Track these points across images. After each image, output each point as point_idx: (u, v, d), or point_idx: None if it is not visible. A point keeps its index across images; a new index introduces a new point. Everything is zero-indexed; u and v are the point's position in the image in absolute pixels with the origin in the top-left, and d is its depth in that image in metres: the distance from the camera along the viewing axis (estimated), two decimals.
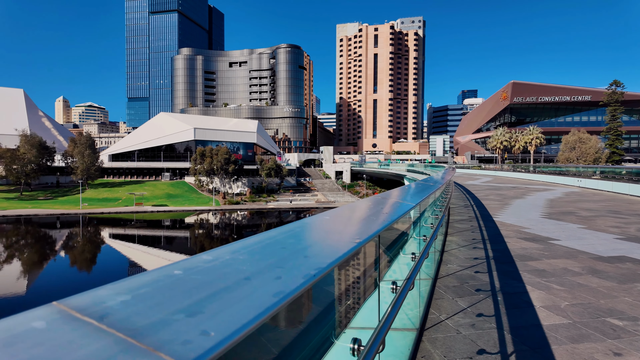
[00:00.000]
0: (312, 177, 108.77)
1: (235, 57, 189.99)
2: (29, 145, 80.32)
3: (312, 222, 2.10)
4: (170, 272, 1.01)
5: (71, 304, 0.77)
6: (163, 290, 0.88)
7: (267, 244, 1.46)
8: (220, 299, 0.87)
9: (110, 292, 0.85)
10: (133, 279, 0.93)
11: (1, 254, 44.25)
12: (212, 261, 1.14)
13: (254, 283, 1.00)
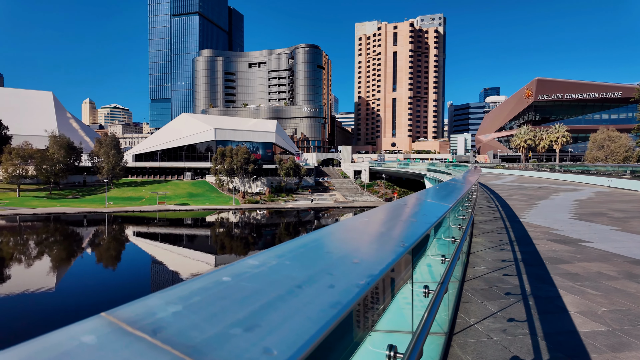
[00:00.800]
0: (330, 176, 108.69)
1: (255, 58, 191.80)
2: (58, 146, 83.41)
3: (351, 224, 2.03)
4: (218, 278, 0.98)
5: (121, 315, 0.74)
6: (215, 300, 0.85)
7: (312, 247, 1.42)
8: (275, 309, 0.83)
9: (160, 301, 0.82)
10: (182, 287, 0.91)
11: (32, 251, 46.09)
12: (260, 266, 1.11)
13: (307, 292, 0.96)
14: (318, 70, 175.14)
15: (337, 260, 1.28)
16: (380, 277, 1.18)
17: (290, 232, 60.26)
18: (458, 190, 5.01)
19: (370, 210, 2.49)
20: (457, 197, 4.06)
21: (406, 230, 2.08)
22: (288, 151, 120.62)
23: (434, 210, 3.00)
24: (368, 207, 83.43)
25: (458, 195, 4.22)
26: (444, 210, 3.03)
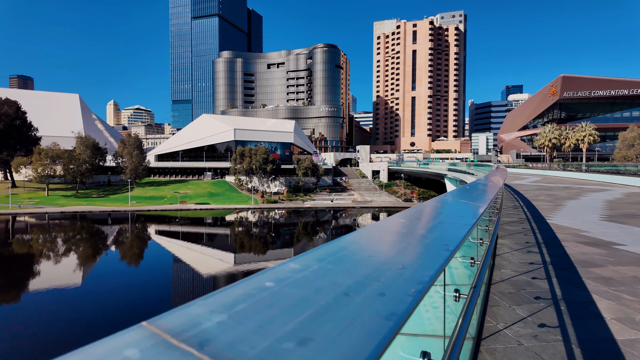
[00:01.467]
0: (348, 176, 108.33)
1: (273, 59, 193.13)
2: (84, 147, 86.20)
3: (388, 225, 1.96)
4: (261, 284, 0.94)
5: (164, 326, 0.70)
6: (261, 308, 0.82)
7: (352, 251, 1.37)
8: (327, 320, 0.79)
9: (202, 309, 0.78)
10: (224, 293, 0.87)
11: (60, 248, 47.77)
12: (302, 271, 1.07)
13: (356, 300, 0.91)
14: (336, 70, 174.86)
15: (381, 265, 1.23)
16: (430, 284, 1.11)
17: (308, 232, 60.39)
18: (489, 191, 4.85)
19: (405, 211, 2.41)
20: (489, 197, 3.92)
21: (446, 232, 1.99)
22: (306, 151, 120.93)
23: (469, 211, 2.89)
24: (387, 207, 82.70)
25: (490, 196, 4.08)
26: (479, 211, 2.91)
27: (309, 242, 52.38)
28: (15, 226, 61.36)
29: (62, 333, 22.67)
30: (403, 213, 2.32)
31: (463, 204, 3.43)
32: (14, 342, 21.34)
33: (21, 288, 33.06)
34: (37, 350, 20.35)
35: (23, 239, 53.08)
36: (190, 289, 33.16)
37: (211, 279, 36.43)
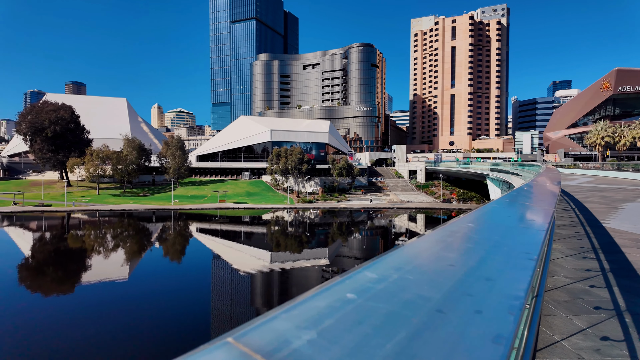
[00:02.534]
0: (384, 176, 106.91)
1: (309, 60, 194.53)
2: (131, 148, 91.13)
3: (458, 230, 1.82)
4: (342, 295, 0.88)
5: (252, 343, 0.67)
6: (350, 325, 0.76)
7: (429, 259, 1.32)
8: (426, 342, 0.72)
9: (288, 324, 0.74)
10: (305, 305, 0.82)
11: (109, 243, 50.74)
12: (381, 281, 0.99)
13: (452, 319, 0.84)
14: (372, 69, 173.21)
15: (465, 277, 1.14)
16: (525, 299, 1.01)
17: (343, 232, 60.20)
18: (550, 192, 4.53)
19: (470, 215, 2.26)
20: (553, 199, 3.64)
21: (520, 238, 1.81)
22: (341, 151, 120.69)
23: (538, 214, 2.68)
24: (424, 208, 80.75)
25: (554, 198, 3.79)
26: (549, 214, 2.69)
27: (344, 242, 52.20)
28: (70, 222, 65.95)
29: (110, 324, 24.02)
30: (469, 217, 2.16)
31: (528, 206, 3.20)
32: (69, 330, 22.89)
33: (75, 280, 35.43)
34: (89, 339, 21.68)
35: (77, 234, 56.92)
36: (229, 286, 34.05)
37: (249, 276, 37.22)
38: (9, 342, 21.17)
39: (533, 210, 3.03)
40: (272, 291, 32.79)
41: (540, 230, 1.92)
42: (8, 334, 22.18)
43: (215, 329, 23.90)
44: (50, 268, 39.41)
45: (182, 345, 20.94)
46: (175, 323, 24.03)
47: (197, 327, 23.87)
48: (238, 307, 28.23)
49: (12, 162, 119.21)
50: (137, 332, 22.57)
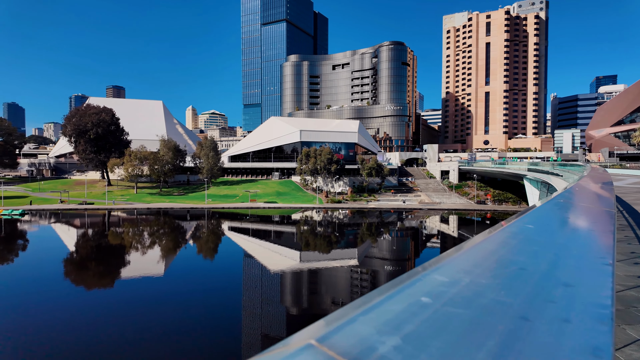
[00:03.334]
0: (414, 176, 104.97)
1: (338, 60, 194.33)
2: (167, 149, 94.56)
3: (518, 231, 1.68)
4: (416, 299, 0.85)
5: (336, 347, 0.64)
6: (433, 331, 0.73)
7: (498, 261, 1.25)
8: (519, 353, 0.68)
9: (368, 327, 0.72)
10: (382, 309, 0.79)
11: (146, 240, 52.82)
12: (454, 285, 0.96)
13: (539, 327, 0.79)
14: (402, 68, 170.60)
15: (541, 282, 1.09)
16: (613, 308, 0.95)
17: (372, 233, 59.60)
18: (604, 193, 4.20)
19: (525, 216, 2.09)
20: (611, 201, 3.36)
21: (588, 242, 1.71)
22: (370, 151, 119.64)
23: (599, 217, 2.45)
24: (457, 209, 78.56)
25: (612, 200, 3.50)
26: (612, 217, 2.45)
27: (373, 243, 51.65)
28: (110, 220, 69.28)
29: (146, 320, 24.93)
30: (525, 218, 1.99)
31: (585, 208, 2.95)
32: (109, 320, 23.99)
33: (115, 275, 37.14)
34: (129, 329, 22.59)
35: (116, 231, 59.70)
36: (259, 284, 34.53)
37: (278, 275, 37.58)
38: (56, 336, 22.40)
39: (591, 212, 2.77)
40: (301, 291, 32.93)
41: (606, 232, 1.84)
42: (55, 329, 23.49)
43: (246, 327, 24.28)
44: (92, 263, 41.53)
45: (215, 342, 21.42)
46: (207, 320, 24.61)
47: (229, 324, 24.34)
48: (268, 306, 28.54)
49: (59, 163, 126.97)
50: (172, 329, 23.29)
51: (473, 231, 60.60)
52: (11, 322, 23.73)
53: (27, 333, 21.89)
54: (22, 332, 22.12)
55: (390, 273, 37.05)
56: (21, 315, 24.74)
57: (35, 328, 22.72)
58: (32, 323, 23.49)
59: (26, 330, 22.24)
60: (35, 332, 22.01)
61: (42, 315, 24.87)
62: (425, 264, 1.13)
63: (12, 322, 23.82)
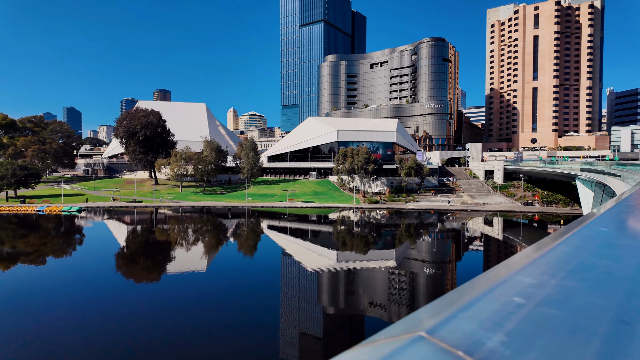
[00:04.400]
0: (456, 176, 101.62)
1: (376, 58, 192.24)
2: (210, 149, 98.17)
3: (592, 234, 1.61)
4: (508, 299, 0.86)
5: (447, 340, 0.66)
6: (535, 330, 0.72)
7: (581, 264, 1.22)
8: (626, 356, 0.67)
9: (471, 323, 0.73)
10: (477, 307, 0.80)
11: (190, 236, 55.11)
12: (541, 286, 0.94)
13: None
14: (443, 64, 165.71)
15: (633, 287, 1.05)
16: None
17: (411, 234, 58.39)
18: None
19: (596, 218, 1.96)
20: None
21: None
22: (409, 150, 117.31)
23: None
24: (502, 211, 75.15)
25: None
26: None
27: (412, 245, 50.59)
28: (157, 217, 72.99)
29: (189, 314, 26.02)
30: (598, 220, 1.85)
31: None
32: (157, 311, 25.30)
33: (161, 270, 39.07)
34: (173, 324, 23.70)
35: (163, 228, 62.79)
36: (296, 281, 34.93)
37: (315, 274, 37.82)
38: (110, 330, 23.92)
39: None
40: (338, 290, 32.94)
41: None
42: (110, 322, 25.10)
43: (284, 322, 24.67)
44: (141, 258, 43.96)
45: (254, 338, 21.94)
46: (247, 315, 25.26)
47: (267, 320, 24.83)
48: (306, 304, 28.81)
49: (111, 163, 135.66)
50: (213, 324, 24.13)
51: (519, 234, 57.67)
52: (68, 317, 25.67)
53: (78, 324, 23.61)
54: (79, 326, 23.88)
55: (430, 276, 36.14)
56: (73, 312, 26.70)
57: (87, 321, 24.45)
58: (87, 316, 25.31)
59: (78, 323, 24.00)
60: (89, 324, 23.69)
61: (95, 306, 26.73)
62: (504, 265, 1.14)
63: (69, 316, 25.76)
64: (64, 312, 25.30)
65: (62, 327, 22.91)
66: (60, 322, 23.58)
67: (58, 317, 24.45)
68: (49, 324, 23.34)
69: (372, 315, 26.02)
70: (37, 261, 41.64)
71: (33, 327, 22.78)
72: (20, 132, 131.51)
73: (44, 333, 21.91)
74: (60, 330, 22.42)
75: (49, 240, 52.68)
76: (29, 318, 24.23)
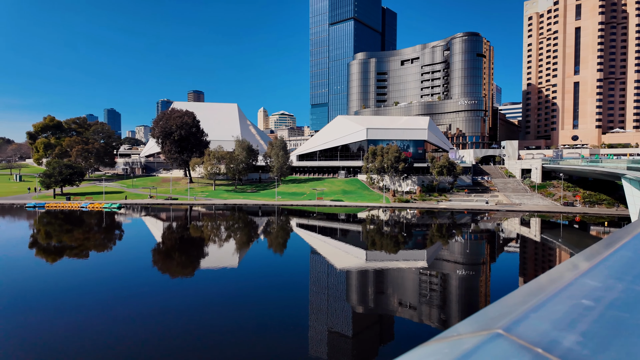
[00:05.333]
0: (491, 175, 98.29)
1: (407, 55, 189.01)
2: (241, 149, 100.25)
3: None
4: (577, 300, 0.86)
5: (524, 337, 0.67)
6: (610, 331, 0.72)
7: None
8: None
9: (544, 323, 0.74)
10: (546, 308, 0.80)
11: (222, 233, 56.54)
12: (609, 289, 0.94)
13: None
14: (477, 59, 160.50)
15: None
16: None
17: (443, 234, 57.07)
18: None
19: None
20: None
21: None
22: (441, 148, 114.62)
23: None
24: (540, 212, 71.98)
25: None
26: None
27: (444, 245, 49.44)
28: (191, 214, 75.40)
29: (224, 305, 26.73)
30: None
31: None
32: (187, 309, 26.21)
33: (195, 266, 40.36)
34: (206, 319, 24.44)
35: (197, 225, 64.80)
36: (325, 280, 35.05)
37: (344, 272, 37.78)
38: (151, 325, 25.00)
39: None
40: (367, 289, 32.75)
41: None
42: (151, 318, 26.22)
43: (313, 319, 24.84)
44: (176, 253, 45.61)
45: (283, 335, 22.24)
46: (276, 311, 25.64)
47: (296, 317, 25.10)
48: (335, 302, 28.85)
49: (148, 162, 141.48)
50: (243, 319, 24.67)
51: (559, 236, 55.02)
52: (108, 310, 27.04)
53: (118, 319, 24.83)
54: (116, 320, 25.12)
55: (463, 278, 35.20)
56: (113, 306, 28.09)
57: (127, 315, 25.67)
58: (127, 309, 26.59)
59: (117, 318, 25.25)
60: (128, 318, 24.87)
61: (134, 300, 28.03)
62: (565, 267, 1.13)
63: (108, 310, 27.14)
64: (102, 306, 26.70)
65: (102, 320, 24.20)
66: (101, 316, 24.91)
67: (99, 310, 25.85)
68: (93, 316, 24.72)
69: (401, 316, 25.70)
70: (80, 255, 44.15)
71: (82, 318, 24.22)
72: (65, 133, 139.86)
73: (89, 324, 23.25)
74: (101, 322, 23.70)
75: (91, 236, 55.70)
76: (76, 310, 25.77)
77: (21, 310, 25.21)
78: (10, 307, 25.87)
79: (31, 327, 22.52)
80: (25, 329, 22.27)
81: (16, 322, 23.38)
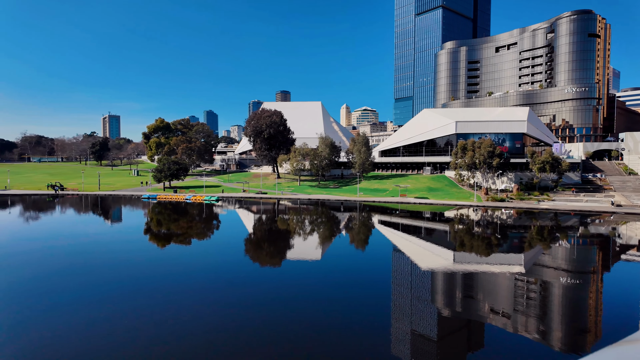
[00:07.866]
0: (605, 172, 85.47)
1: (503, 41, 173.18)
2: (324, 145, 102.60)
3: None
4: None
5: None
6: None
7: None
8: None
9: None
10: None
11: (307, 227, 58.58)
12: None
13: None
14: (589, 41, 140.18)
15: None
16: None
17: (544, 238, 51.31)
18: None
19: None
20: None
21: None
22: (543, 142, 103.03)
23: None
24: None
25: None
26: None
27: (545, 250, 44.45)
28: (279, 207, 79.55)
29: (308, 299, 27.79)
30: None
31: None
32: (284, 293, 27.80)
33: (282, 256, 42.55)
34: (289, 312, 25.65)
35: (283, 218, 68.16)
36: (409, 280, 34.13)
37: (429, 273, 36.35)
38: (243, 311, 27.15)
39: None
40: (454, 292, 31.05)
41: None
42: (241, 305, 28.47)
43: (395, 319, 24.42)
44: (265, 244, 48.61)
45: (366, 330, 22.30)
46: (358, 308, 25.79)
47: (378, 315, 24.94)
48: (418, 304, 27.97)
49: (241, 159, 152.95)
50: (324, 314, 25.32)
51: None
52: (210, 295, 29.96)
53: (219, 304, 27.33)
54: (213, 302, 27.71)
55: (567, 286, 31.30)
56: (211, 291, 30.97)
57: (223, 301, 28.15)
58: (223, 296, 29.21)
59: (219, 304, 27.80)
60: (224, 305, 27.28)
61: (229, 288, 30.65)
62: None
63: (209, 295, 30.06)
64: (204, 293, 29.69)
65: (206, 302, 26.95)
66: (204, 299, 27.78)
67: (203, 294, 28.84)
68: (197, 298, 27.73)
69: (493, 324, 23.84)
70: (185, 242, 49.65)
71: (187, 300, 27.39)
72: (172, 133, 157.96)
73: (195, 306, 26.16)
74: (202, 304, 26.42)
75: (194, 224, 62.25)
76: (180, 293, 29.18)
77: (135, 296, 29.44)
78: (133, 291, 30.37)
79: (156, 306, 26.18)
80: (149, 308, 25.99)
81: (143, 302, 27.39)
